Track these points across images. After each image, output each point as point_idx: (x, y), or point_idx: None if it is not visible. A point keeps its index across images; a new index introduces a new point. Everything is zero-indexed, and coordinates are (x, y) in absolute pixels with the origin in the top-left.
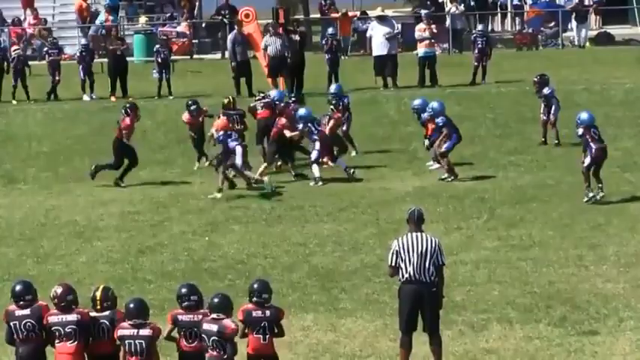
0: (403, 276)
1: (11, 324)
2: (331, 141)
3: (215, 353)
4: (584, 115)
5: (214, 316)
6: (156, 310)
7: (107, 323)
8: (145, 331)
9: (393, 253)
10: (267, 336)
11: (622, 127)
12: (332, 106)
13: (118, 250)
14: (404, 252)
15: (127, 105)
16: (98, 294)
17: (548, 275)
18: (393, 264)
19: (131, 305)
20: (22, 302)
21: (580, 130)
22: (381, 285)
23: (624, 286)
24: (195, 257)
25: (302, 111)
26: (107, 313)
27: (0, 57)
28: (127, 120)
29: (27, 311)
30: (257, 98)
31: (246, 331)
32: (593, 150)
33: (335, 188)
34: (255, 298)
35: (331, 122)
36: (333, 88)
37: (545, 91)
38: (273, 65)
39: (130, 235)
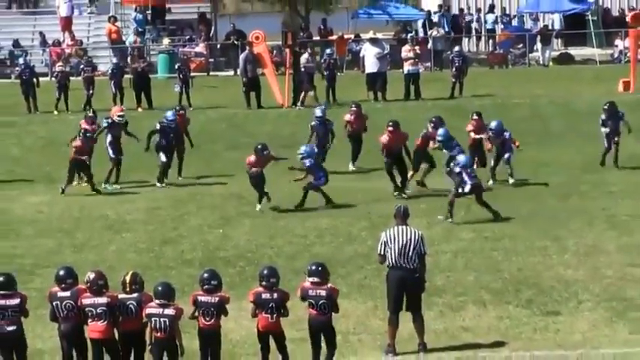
0: (390, 263)
1: (54, 304)
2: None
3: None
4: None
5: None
6: (177, 293)
7: (135, 304)
8: (169, 311)
9: (381, 244)
10: (275, 315)
11: (583, 134)
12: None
13: (143, 241)
14: (390, 242)
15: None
16: (127, 278)
17: (517, 263)
18: (382, 252)
19: (159, 288)
20: (64, 285)
21: None
22: (372, 271)
23: (583, 272)
24: (210, 247)
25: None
26: (135, 295)
27: (28, 73)
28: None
29: (67, 293)
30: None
31: (257, 311)
32: None
33: (332, 187)
34: (264, 282)
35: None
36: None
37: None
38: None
39: (154, 227)
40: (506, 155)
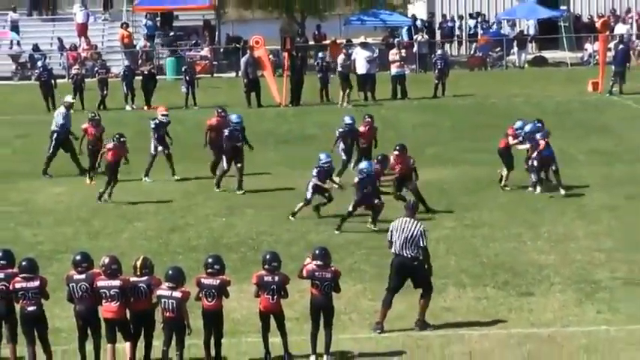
0: (394, 250)
1: (70, 286)
2: None
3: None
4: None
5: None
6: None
7: (145, 286)
8: (177, 293)
9: (389, 232)
10: (276, 297)
11: (555, 131)
12: None
13: (154, 229)
14: (395, 232)
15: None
16: (138, 263)
17: (494, 249)
18: (390, 240)
19: (170, 272)
20: (79, 269)
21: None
22: (361, 257)
23: (554, 257)
24: (215, 234)
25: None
26: (145, 278)
27: (47, 75)
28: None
29: (83, 276)
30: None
31: (259, 292)
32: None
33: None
34: (266, 266)
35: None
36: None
37: None
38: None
39: (164, 217)
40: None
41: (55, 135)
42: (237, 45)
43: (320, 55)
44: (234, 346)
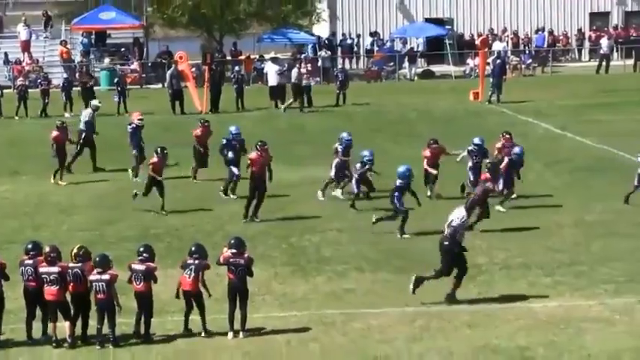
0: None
1: (20, 269)
2: None
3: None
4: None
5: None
6: (117, 263)
7: (79, 271)
8: (105, 276)
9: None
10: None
11: (441, 135)
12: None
13: (90, 222)
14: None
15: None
16: (75, 251)
17: (391, 238)
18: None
19: (97, 259)
20: (29, 255)
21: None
22: (272, 245)
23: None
24: (144, 226)
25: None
26: (79, 264)
27: None
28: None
29: (31, 261)
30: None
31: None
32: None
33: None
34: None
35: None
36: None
37: None
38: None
39: (99, 210)
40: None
41: (83, 134)
42: (164, 60)
43: (236, 68)
44: (161, 325)
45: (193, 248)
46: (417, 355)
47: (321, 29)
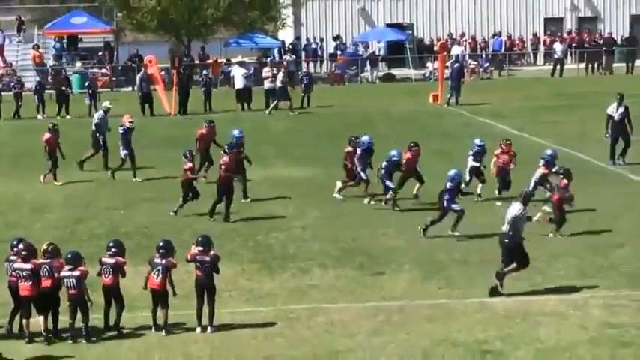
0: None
1: (5, 264)
2: None
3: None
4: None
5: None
6: (88, 260)
7: (48, 268)
8: (76, 272)
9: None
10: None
11: (402, 135)
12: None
13: (62, 220)
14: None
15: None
16: (43, 248)
17: (352, 235)
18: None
19: (68, 255)
20: (14, 251)
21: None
22: (239, 243)
23: (402, 242)
24: (114, 224)
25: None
26: (49, 260)
27: None
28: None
29: (14, 257)
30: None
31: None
32: None
33: (213, 179)
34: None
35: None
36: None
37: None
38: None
39: (71, 209)
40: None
41: (98, 135)
42: (133, 64)
43: (204, 72)
44: (131, 319)
45: (161, 244)
46: (379, 348)
47: (286, 34)
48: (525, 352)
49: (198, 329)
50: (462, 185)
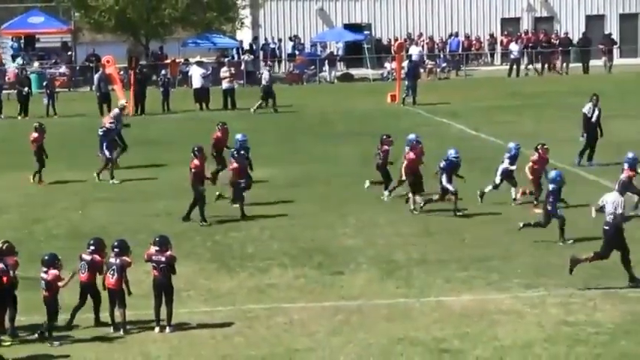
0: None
1: None
2: None
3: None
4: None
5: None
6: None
7: (3, 266)
8: (46, 276)
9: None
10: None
11: (360, 136)
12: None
13: (19, 221)
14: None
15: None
16: None
17: (311, 235)
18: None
19: (45, 257)
20: None
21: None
22: (198, 242)
23: (360, 242)
24: (72, 224)
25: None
26: (4, 258)
27: None
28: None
29: None
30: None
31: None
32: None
33: (171, 178)
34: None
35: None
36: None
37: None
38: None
39: (28, 210)
40: None
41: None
42: (91, 64)
43: (162, 72)
44: (88, 320)
45: (115, 243)
46: (337, 348)
47: (244, 34)
48: (483, 351)
49: (157, 329)
50: (490, 188)
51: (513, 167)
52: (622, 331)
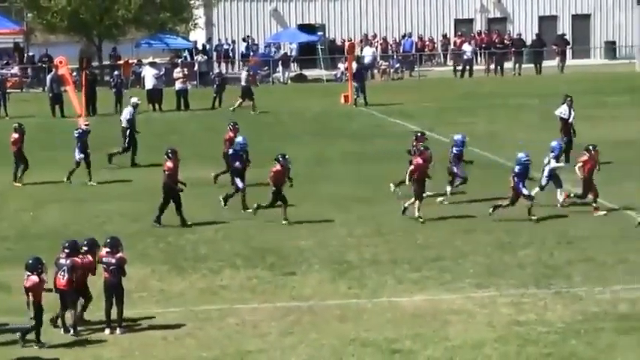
0: None
1: None
2: None
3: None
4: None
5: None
6: None
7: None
8: (28, 283)
9: None
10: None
11: (314, 136)
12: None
13: None
14: None
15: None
16: None
17: (263, 235)
18: None
19: (29, 261)
20: None
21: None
22: (150, 244)
23: (312, 243)
24: (25, 225)
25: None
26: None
27: None
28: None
29: None
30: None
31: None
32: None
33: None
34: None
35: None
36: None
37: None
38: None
39: None
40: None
41: (128, 132)
42: (44, 65)
43: (115, 73)
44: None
45: (66, 244)
46: (289, 348)
47: (198, 35)
48: (434, 351)
49: (107, 330)
50: (537, 190)
51: (561, 165)
52: (572, 330)
